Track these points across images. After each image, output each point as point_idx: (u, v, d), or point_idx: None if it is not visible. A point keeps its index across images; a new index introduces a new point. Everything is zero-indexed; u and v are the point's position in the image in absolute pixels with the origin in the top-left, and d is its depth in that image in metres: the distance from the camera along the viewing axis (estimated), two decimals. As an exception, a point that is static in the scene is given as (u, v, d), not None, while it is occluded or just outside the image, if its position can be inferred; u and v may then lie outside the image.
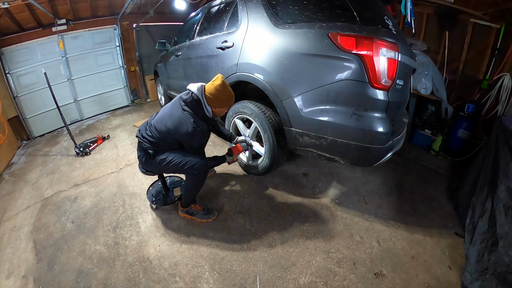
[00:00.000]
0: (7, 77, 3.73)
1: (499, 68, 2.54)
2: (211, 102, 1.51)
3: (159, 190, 2.04)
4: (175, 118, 1.48)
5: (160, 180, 1.97)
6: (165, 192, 2.01)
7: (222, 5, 2.31)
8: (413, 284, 1.34)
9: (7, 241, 1.80)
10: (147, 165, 1.65)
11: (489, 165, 1.64)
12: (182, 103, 1.51)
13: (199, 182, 1.65)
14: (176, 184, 2.11)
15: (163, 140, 1.55)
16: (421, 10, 2.99)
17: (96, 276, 1.45)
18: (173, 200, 1.94)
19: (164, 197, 1.98)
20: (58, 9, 3.85)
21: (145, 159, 1.61)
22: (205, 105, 1.52)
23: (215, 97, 1.49)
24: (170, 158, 1.55)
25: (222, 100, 1.52)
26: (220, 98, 1.50)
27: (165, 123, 1.50)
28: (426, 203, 1.94)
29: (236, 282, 1.37)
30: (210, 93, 1.48)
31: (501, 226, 1.35)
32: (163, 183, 1.98)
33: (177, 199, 1.92)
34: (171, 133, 1.49)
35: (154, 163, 1.60)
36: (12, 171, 2.93)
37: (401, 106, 1.82)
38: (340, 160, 1.59)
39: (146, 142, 1.57)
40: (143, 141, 1.59)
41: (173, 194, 1.99)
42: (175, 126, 1.46)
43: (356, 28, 1.37)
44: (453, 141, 2.71)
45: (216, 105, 1.53)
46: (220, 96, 1.49)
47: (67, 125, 3.14)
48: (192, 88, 1.52)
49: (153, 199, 1.95)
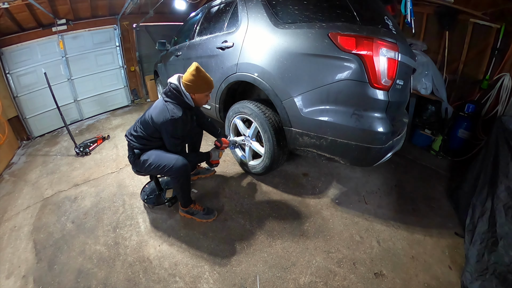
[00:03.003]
0: (7, 77, 3.73)
1: (499, 68, 2.54)
2: (189, 88, 1.56)
3: (153, 189, 2.04)
4: (157, 108, 1.56)
5: (153, 180, 1.97)
6: (158, 192, 2.00)
7: (222, 5, 2.31)
8: (413, 284, 1.34)
9: (7, 241, 1.80)
10: (134, 165, 1.69)
11: (489, 165, 1.64)
12: (164, 96, 1.58)
13: (183, 183, 1.64)
14: (171, 185, 2.08)
15: (147, 132, 1.60)
16: (421, 10, 2.99)
17: (96, 276, 1.45)
18: (163, 201, 1.92)
19: (156, 197, 1.98)
20: (58, 9, 3.85)
21: (132, 159, 1.67)
22: (184, 92, 1.57)
23: (191, 82, 1.53)
24: (151, 160, 1.59)
25: (198, 85, 1.55)
26: (196, 83, 1.54)
27: (149, 115, 1.58)
28: (426, 203, 1.94)
29: (236, 282, 1.37)
30: (186, 80, 1.54)
31: (501, 226, 1.35)
32: (156, 183, 1.98)
33: (167, 201, 1.90)
34: (153, 123, 1.54)
35: (139, 164, 1.64)
36: (12, 171, 2.93)
37: (401, 106, 1.82)
38: (340, 160, 1.59)
39: (133, 139, 1.63)
40: (130, 139, 1.65)
41: (165, 196, 1.97)
42: (156, 114, 1.53)
43: (356, 28, 1.37)
44: (453, 141, 2.71)
45: (194, 91, 1.57)
46: (195, 81, 1.53)
47: (67, 125, 3.14)
48: (171, 80, 1.60)
49: (145, 198, 1.96)
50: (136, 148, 1.64)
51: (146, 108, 5.33)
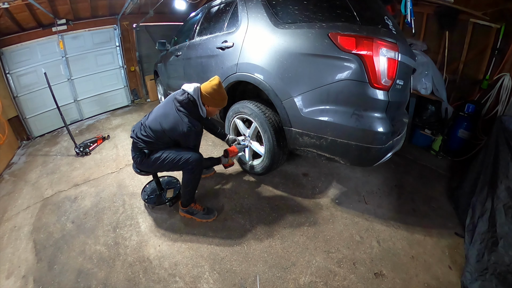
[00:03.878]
0: (7, 77, 3.73)
1: (499, 68, 2.54)
2: (207, 100, 1.57)
3: (154, 189, 2.04)
4: (170, 119, 1.52)
5: (154, 180, 1.96)
6: (159, 192, 2.00)
7: (222, 5, 2.31)
8: (413, 284, 1.34)
9: (7, 241, 1.80)
10: (141, 164, 1.67)
11: (489, 165, 1.64)
12: (177, 104, 1.55)
13: (195, 177, 1.66)
14: (171, 185, 2.09)
15: (159, 139, 1.58)
16: (421, 10, 2.99)
17: (96, 276, 1.45)
18: (164, 201, 1.92)
19: (157, 197, 1.98)
20: (58, 9, 3.85)
21: (140, 159, 1.64)
22: (200, 105, 1.58)
23: (211, 96, 1.55)
24: (165, 155, 1.58)
25: (217, 100, 1.59)
26: (215, 97, 1.57)
27: (160, 123, 1.54)
28: (426, 203, 1.94)
29: (236, 282, 1.37)
30: (207, 92, 1.54)
31: (501, 226, 1.35)
32: (157, 182, 1.98)
33: (168, 201, 1.91)
34: (166, 133, 1.53)
35: (149, 162, 1.63)
36: (12, 171, 2.93)
37: (401, 106, 1.82)
38: (340, 160, 1.59)
39: (141, 142, 1.60)
40: (138, 141, 1.61)
41: (166, 196, 1.97)
42: (170, 127, 1.51)
43: (356, 28, 1.37)
44: (453, 141, 2.71)
45: (211, 104, 1.60)
46: (215, 95, 1.56)
47: (67, 125, 3.14)
48: (188, 89, 1.58)
49: (146, 198, 1.95)
50: (146, 149, 1.63)
51: (146, 108, 5.29)
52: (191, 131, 1.49)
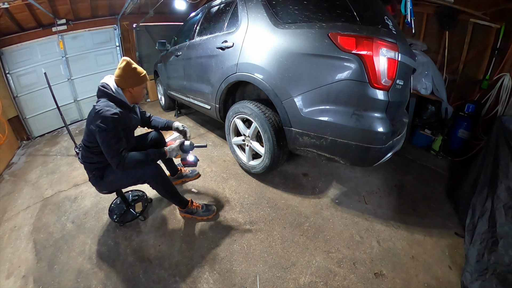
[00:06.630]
0: (7, 77, 3.74)
1: (499, 68, 2.54)
2: (120, 83, 1.47)
3: (120, 207, 1.91)
4: (90, 114, 1.43)
5: (119, 196, 1.85)
6: (126, 208, 1.88)
7: (222, 5, 2.31)
8: (413, 284, 1.34)
9: (7, 241, 1.80)
10: (99, 186, 1.58)
11: (489, 165, 1.64)
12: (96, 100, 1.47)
13: (164, 185, 1.61)
14: (138, 200, 1.99)
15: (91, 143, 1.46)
16: (421, 10, 2.99)
17: (96, 276, 1.45)
18: (135, 216, 1.83)
19: (125, 213, 1.86)
20: (58, 9, 3.86)
21: (94, 181, 1.55)
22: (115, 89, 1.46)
23: (121, 77, 1.46)
24: (119, 176, 1.51)
25: (128, 77, 1.47)
26: (126, 76, 1.46)
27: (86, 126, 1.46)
28: (426, 203, 1.94)
29: (236, 282, 1.37)
30: (117, 75, 1.46)
31: (501, 226, 1.35)
32: (123, 199, 1.87)
33: (139, 215, 1.83)
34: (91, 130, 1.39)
35: (105, 184, 1.56)
36: (12, 171, 2.93)
37: (401, 106, 1.82)
38: (340, 160, 1.59)
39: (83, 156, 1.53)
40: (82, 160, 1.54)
41: (135, 210, 1.87)
42: (91, 120, 1.39)
43: (356, 28, 1.37)
44: (453, 141, 2.72)
45: (126, 85, 1.48)
46: (125, 74, 1.45)
47: (67, 125, 3.14)
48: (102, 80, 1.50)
49: (115, 218, 1.83)
50: (94, 169, 1.53)
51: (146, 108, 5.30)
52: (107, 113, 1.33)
